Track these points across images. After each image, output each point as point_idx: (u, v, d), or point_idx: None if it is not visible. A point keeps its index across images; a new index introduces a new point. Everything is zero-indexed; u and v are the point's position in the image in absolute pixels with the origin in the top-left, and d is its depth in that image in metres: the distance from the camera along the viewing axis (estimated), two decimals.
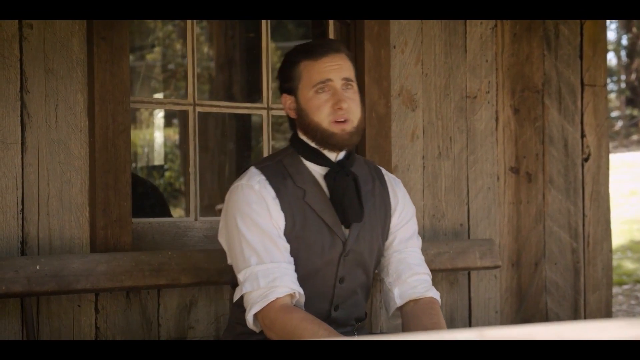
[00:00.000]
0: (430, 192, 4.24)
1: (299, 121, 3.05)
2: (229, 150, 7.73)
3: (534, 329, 1.13)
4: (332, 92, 2.99)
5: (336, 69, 3.01)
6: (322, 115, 2.99)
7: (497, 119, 4.46)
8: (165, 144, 11.38)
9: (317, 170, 3.06)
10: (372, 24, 4.03)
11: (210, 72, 9.51)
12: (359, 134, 3.04)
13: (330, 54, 3.02)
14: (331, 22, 4.08)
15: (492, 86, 4.44)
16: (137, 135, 11.02)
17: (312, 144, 3.03)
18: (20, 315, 3.28)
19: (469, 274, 4.36)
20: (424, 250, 3.51)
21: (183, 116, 8.82)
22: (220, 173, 8.02)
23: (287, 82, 3.07)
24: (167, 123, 11.52)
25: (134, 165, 10.71)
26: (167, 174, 11.13)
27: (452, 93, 4.32)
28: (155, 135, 11.16)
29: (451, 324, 4.32)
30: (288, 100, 3.07)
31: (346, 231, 3.06)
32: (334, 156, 3.05)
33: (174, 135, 11.57)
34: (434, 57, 4.26)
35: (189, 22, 3.76)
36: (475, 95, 4.38)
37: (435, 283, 4.20)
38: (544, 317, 4.62)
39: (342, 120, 2.98)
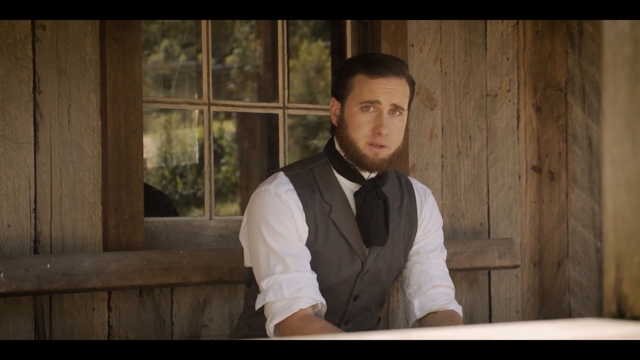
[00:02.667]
0: (449, 191, 4.22)
1: (338, 131, 2.98)
2: (278, 148, 7.77)
3: (457, 332, 1.13)
4: (376, 115, 2.91)
5: (388, 93, 2.91)
6: (360, 135, 2.91)
7: (518, 118, 4.42)
8: (224, 138, 11.39)
9: (348, 186, 2.99)
10: (389, 22, 4.01)
11: (258, 70, 9.53)
12: (392, 161, 2.97)
13: (388, 75, 2.93)
14: (348, 21, 4.08)
15: (514, 84, 4.41)
16: (187, 135, 11.07)
17: (345, 158, 2.97)
18: (33, 313, 3.31)
19: (489, 274, 4.33)
20: None
21: (240, 114, 8.85)
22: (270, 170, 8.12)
23: (339, 88, 3.00)
24: (227, 116, 11.50)
25: (184, 164, 10.77)
26: (223, 168, 11.16)
27: (472, 91, 4.29)
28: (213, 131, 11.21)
29: (471, 324, 4.29)
30: (335, 105, 3.01)
31: (367, 250, 3.00)
32: (366, 174, 2.98)
33: (231, 129, 11.57)
34: (453, 55, 4.24)
35: (204, 22, 3.77)
36: (496, 93, 4.35)
37: (454, 282, 4.17)
38: (567, 317, 4.57)
39: (379, 145, 2.90)
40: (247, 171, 9.21)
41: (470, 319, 4.27)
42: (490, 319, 4.34)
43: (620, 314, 1.28)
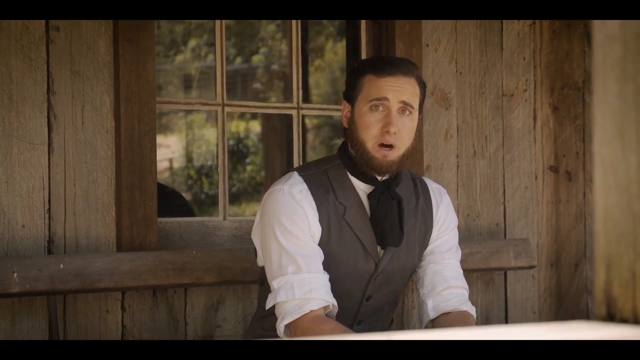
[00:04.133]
0: (464, 191, 4.21)
1: (349, 132, 2.98)
2: (314, 148, 7.79)
3: (446, 333, 1.13)
4: (385, 114, 2.90)
5: (396, 90, 2.90)
6: (369, 135, 2.90)
7: (535, 117, 4.41)
8: (249, 138, 11.42)
9: (362, 188, 2.99)
10: (403, 22, 4.01)
11: (284, 69, 9.54)
12: (402, 162, 2.95)
13: (396, 74, 2.92)
14: (363, 21, 4.08)
15: (530, 84, 4.39)
16: (212, 134, 11.10)
17: (356, 160, 2.96)
18: (47, 313, 3.34)
19: (505, 274, 4.32)
20: None
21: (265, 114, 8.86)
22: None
23: (349, 90, 3.00)
24: (253, 116, 11.52)
25: (210, 163, 10.80)
26: (248, 167, 11.18)
27: (488, 91, 4.28)
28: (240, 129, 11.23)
29: (487, 325, 4.28)
30: (346, 108, 3.00)
31: (381, 252, 3.00)
32: (379, 175, 2.97)
33: (257, 128, 11.59)
34: (468, 55, 4.23)
35: (217, 21, 3.79)
36: (512, 93, 4.34)
37: (470, 283, 4.16)
38: (585, 318, 4.55)
39: (388, 144, 2.89)
40: (271, 171, 9.23)
41: (486, 320, 4.26)
42: (506, 320, 4.32)
43: (610, 317, 1.28)
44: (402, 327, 4.04)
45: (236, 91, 11.03)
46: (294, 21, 3.99)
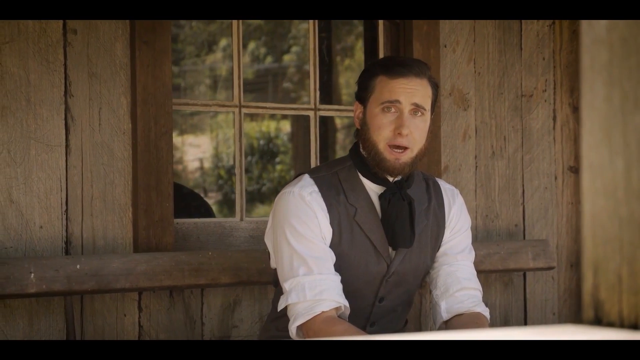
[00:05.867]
0: (483, 192, 4.20)
1: (361, 133, 2.98)
2: (345, 148, 7.80)
3: (432, 335, 1.13)
4: (397, 115, 2.90)
5: (408, 92, 2.90)
6: (381, 137, 2.91)
7: (554, 118, 4.39)
8: (279, 138, 11.45)
9: (373, 189, 2.99)
10: (421, 23, 4.01)
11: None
12: (415, 164, 2.95)
13: (409, 76, 2.92)
14: (380, 21, 4.08)
15: (550, 84, 4.37)
16: (253, 128, 11.14)
17: (367, 161, 2.96)
18: (64, 313, 3.37)
19: (524, 275, 4.31)
20: (474, 250, 3.47)
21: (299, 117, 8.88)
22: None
23: (361, 91, 3.01)
24: (284, 116, 11.57)
25: (249, 158, 10.82)
26: (278, 167, 11.21)
27: (507, 92, 4.26)
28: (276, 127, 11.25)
29: (506, 326, 4.27)
30: (358, 109, 3.01)
31: (393, 253, 3.00)
32: (391, 177, 2.98)
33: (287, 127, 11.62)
34: (487, 55, 4.22)
35: (234, 22, 3.80)
36: (531, 93, 4.32)
37: (488, 284, 4.16)
38: None
39: (400, 146, 2.90)
40: (301, 170, 9.26)
41: (505, 321, 4.25)
42: (525, 321, 4.31)
43: (598, 320, 1.28)
44: (419, 328, 4.04)
45: (267, 90, 11.05)
46: (311, 21, 4.00)
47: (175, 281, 3.41)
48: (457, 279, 3.08)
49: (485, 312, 3.08)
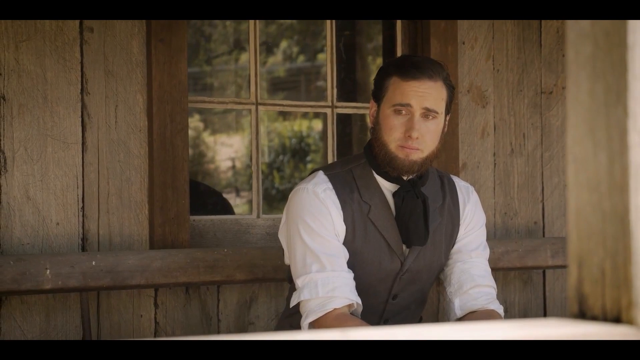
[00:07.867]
0: (501, 189, 4.19)
1: (374, 132, 2.99)
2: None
3: (395, 331, 1.13)
4: (408, 118, 2.90)
5: (420, 96, 2.90)
6: (391, 138, 2.91)
7: None
8: (311, 137, 11.47)
9: (387, 186, 2.99)
10: (439, 20, 4.00)
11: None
12: (426, 164, 2.95)
13: (421, 79, 2.91)
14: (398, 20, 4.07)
15: None
16: (285, 127, 11.15)
17: (379, 160, 2.96)
18: (80, 310, 3.39)
19: (543, 273, 4.29)
20: (492, 248, 3.46)
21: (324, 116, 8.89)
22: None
23: (376, 90, 3.01)
24: (316, 115, 11.58)
25: (281, 157, 10.84)
26: (309, 166, 11.22)
27: (526, 89, 4.24)
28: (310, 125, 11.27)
29: None
30: (373, 107, 3.01)
31: (406, 250, 3.00)
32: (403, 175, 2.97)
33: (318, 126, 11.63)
34: (506, 52, 4.20)
35: (251, 22, 3.82)
36: (551, 90, 4.30)
37: (507, 281, 4.15)
38: None
39: (410, 148, 2.89)
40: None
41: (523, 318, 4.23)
42: None
43: (582, 314, 1.27)
44: None
45: (300, 89, 11.06)
46: (327, 21, 4.00)
47: (190, 278, 3.42)
48: (471, 276, 3.07)
49: (500, 309, 3.07)
